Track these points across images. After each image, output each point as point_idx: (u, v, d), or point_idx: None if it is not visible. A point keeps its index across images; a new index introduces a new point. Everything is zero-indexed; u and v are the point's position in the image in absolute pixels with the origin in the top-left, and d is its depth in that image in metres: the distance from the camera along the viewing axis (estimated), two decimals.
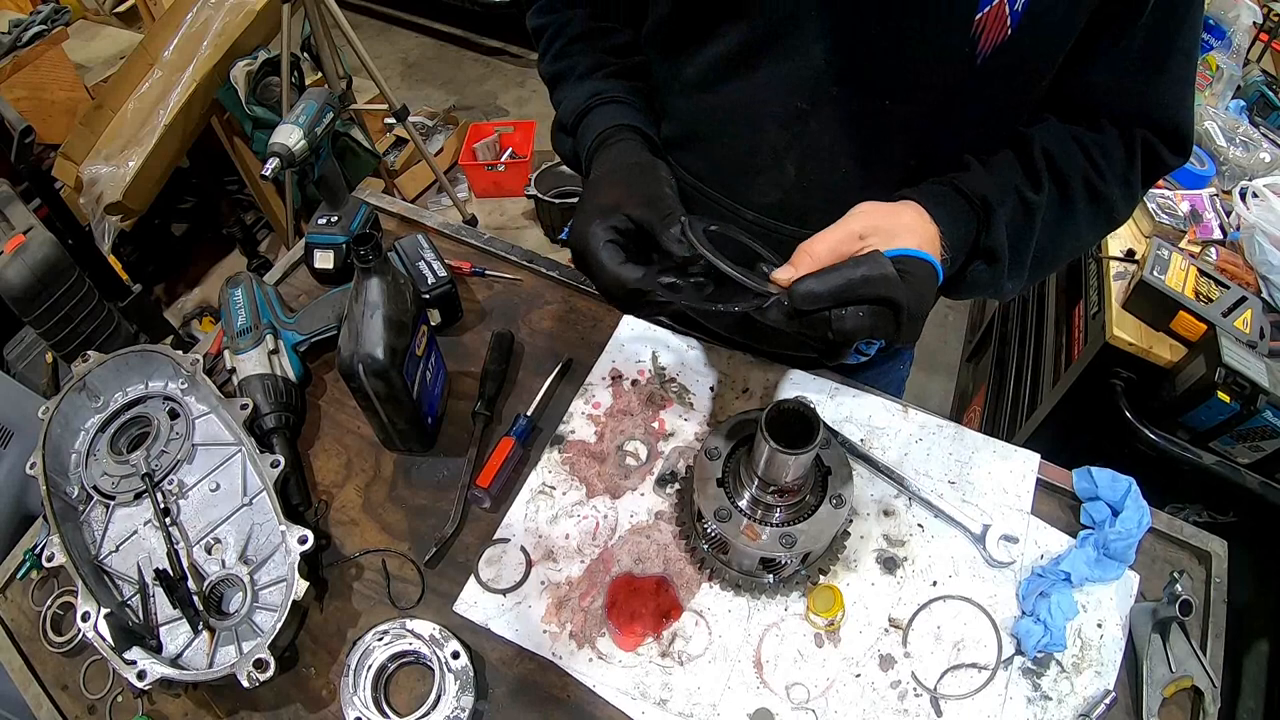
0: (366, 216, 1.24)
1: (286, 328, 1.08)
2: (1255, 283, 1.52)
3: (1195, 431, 1.39)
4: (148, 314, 2.27)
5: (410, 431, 0.98)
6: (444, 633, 0.84)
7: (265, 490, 0.90)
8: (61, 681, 0.89)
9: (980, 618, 0.87)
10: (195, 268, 3.18)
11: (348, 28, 2.43)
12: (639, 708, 0.82)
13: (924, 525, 0.93)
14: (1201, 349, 1.35)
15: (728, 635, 0.86)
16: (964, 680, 0.83)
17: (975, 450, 0.99)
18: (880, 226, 0.71)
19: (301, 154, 1.11)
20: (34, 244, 1.69)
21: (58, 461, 0.94)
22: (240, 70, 2.41)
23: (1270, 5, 2.08)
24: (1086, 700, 0.82)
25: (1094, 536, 0.89)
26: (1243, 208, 1.56)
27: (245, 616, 0.85)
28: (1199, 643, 0.85)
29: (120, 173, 2.35)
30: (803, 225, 0.84)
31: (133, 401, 1.00)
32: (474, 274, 1.21)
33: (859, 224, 0.71)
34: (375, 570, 0.93)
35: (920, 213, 0.74)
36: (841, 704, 0.82)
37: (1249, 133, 1.77)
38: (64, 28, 2.54)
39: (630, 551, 0.92)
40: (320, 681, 0.86)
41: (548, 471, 0.99)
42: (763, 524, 0.82)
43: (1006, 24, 0.69)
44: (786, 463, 0.76)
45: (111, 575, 0.88)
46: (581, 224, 0.76)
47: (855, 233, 0.70)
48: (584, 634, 0.86)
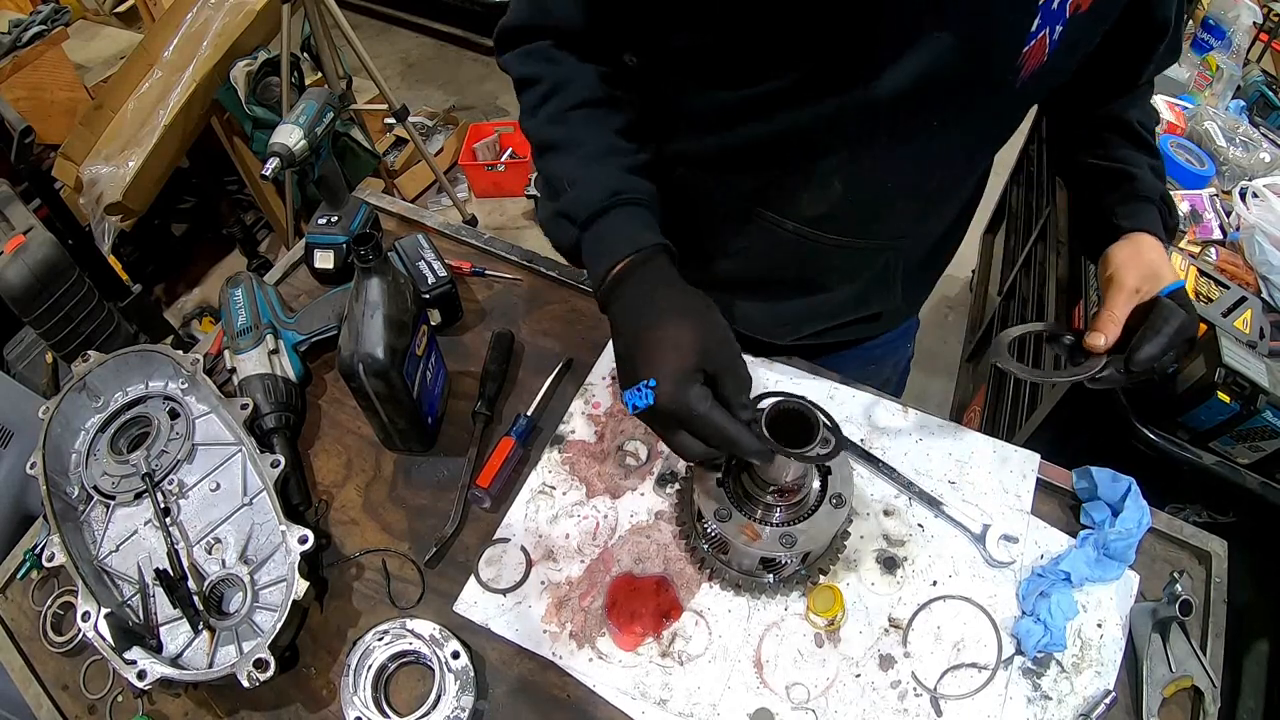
0: (366, 216, 1.24)
1: (287, 328, 1.08)
2: (1255, 283, 1.52)
3: (1195, 432, 1.39)
4: (148, 314, 2.27)
5: (410, 431, 0.98)
6: (444, 632, 0.84)
7: (265, 490, 0.90)
8: (62, 681, 0.89)
9: (980, 618, 0.87)
10: (195, 268, 3.18)
11: (347, 28, 2.43)
12: (639, 708, 0.82)
13: (924, 525, 0.93)
14: (1201, 349, 1.35)
15: (728, 635, 0.86)
16: (964, 680, 0.83)
17: (975, 450, 0.99)
18: (1145, 274, 0.85)
19: (301, 154, 1.11)
20: (34, 244, 1.69)
21: (58, 461, 0.94)
22: (240, 70, 2.41)
23: (1270, 5, 2.09)
24: (1086, 700, 0.82)
25: (1094, 536, 0.89)
26: (1242, 208, 1.56)
27: (245, 616, 0.85)
28: (1199, 643, 0.85)
29: (120, 173, 2.35)
30: (843, 235, 0.92)
31: (133, 401, 1.00)
32: (474, 274, 1.21)
33: (1130, 279, 0.85)
34: (375, 570, 0.93)
35: (1151, 240, 0.88)
36: (841, 704, 0.82)
37: (1249, 133, 1.77)
38: (64, 28, 2.54)
39: (630, 551, 0.92)
40: (320, 681, 0.86)
41: (548, 471, 0.99)
42: (763, 524, 0.82)
43: (1045, 52, 0.74)
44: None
45: (111, 575, 0.88)
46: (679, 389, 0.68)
47: (1132, 288, 0.84)
48: (584, 634, 0.86)
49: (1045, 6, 0.69)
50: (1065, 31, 0.73)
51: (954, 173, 0.92)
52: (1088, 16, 0.73)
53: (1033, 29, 0.70)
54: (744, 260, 0.99)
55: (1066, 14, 0.71)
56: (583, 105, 0.84)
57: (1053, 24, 0.72)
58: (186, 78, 2.39)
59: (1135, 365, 0.82)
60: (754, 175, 0.89)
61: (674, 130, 0.91)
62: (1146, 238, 0.89)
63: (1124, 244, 0.89)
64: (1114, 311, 0.84)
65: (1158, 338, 0.82)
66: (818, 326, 1.08)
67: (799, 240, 0.92)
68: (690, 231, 1.00)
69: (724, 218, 0.95)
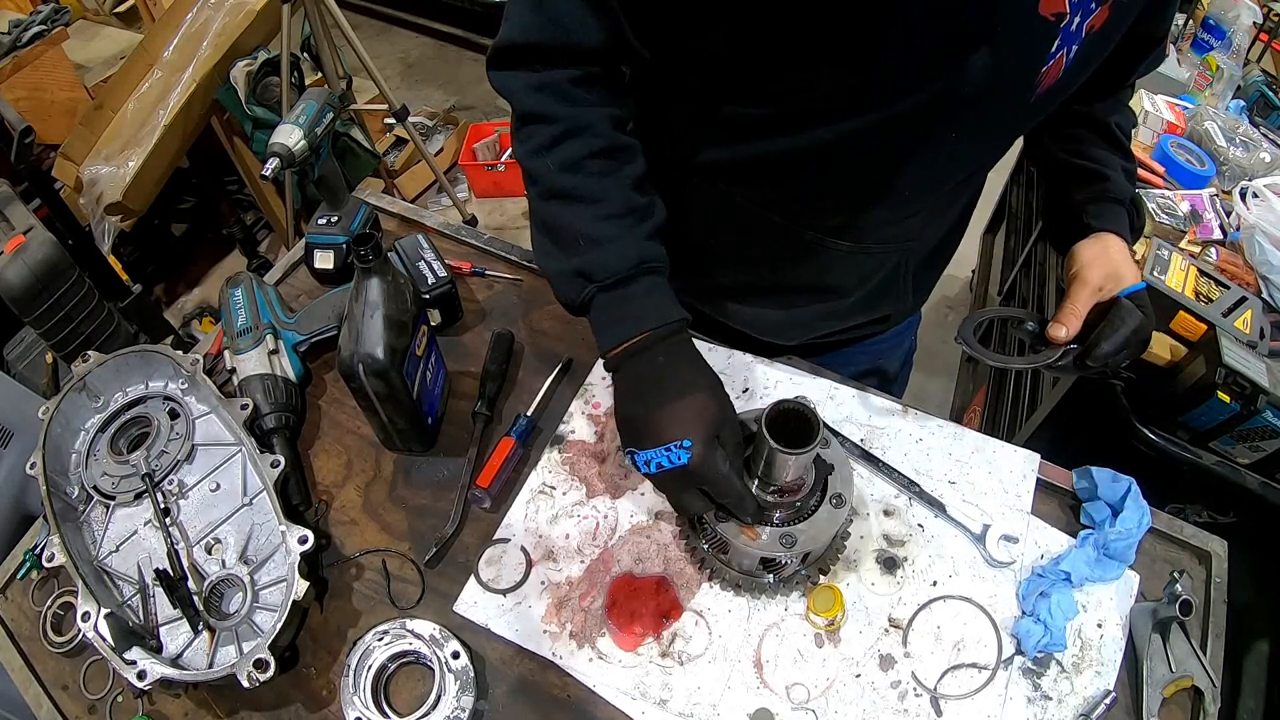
0: (366, 216, 1.24)
1: (286, 328, 1.08)
2: (1255, 283, 1.52)
3: (1195, 431, 1.39)
4: (148, 314, 2.27)
5: (410, 431, 0.98)
6: (444, 633, 0.84)
7: (265, 490, 0.90)
8: (62, 681, 0.89)
9: (980, 618, 0.87)
10: (195, 268, 3.18)
11: (347, 28, 2.43)
12: (639, 708, 0.82)
13: (924, 525, 0.93)
14: (1201, 349, 1.35)
15: (728, 635, 0.86)
16: (964, 680, 0.83)
17: (975, 450, 0.99)
18: (1109, 274, 0.89)
19: (301, 154, 1.11)
20: (34, 244, 1.69)
21: (58, 461, 0.94)
22: (240, 70, 2.40)
23: (1270, 5, 2.09)
24: (1086, 700, 0.82)
25: (1094, 536, 0.89)
26: (1243, 208, 1.56)
27: (245, 616, 0.85)
28: (1199, 643, 0.85)
29: (120, 173, 2.35)
30: (859, 240, 0.94)
31: (133, 402, 1.00)
32: (474, 274, 1.21)
33: (1095, 277, 0.89)
34: (375, 570, 0.93)
35: (1118, 242, 0.92)
36: (841, 704, 0.82)
37: (1249, 133, 1.76)
38: (64, 28, 2.53)
39: (630, 551, 0.92)
40: (320, 681, 0.86)
41: (548, 471, 0.99)
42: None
43: (1061, 69, 0.75)
44: (786, 462, 0.76)
45: (111, 575, 0.88)
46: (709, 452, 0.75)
47: (1096, 286, 0.89)
48: (584, 634, 0.86)
49: (1065, 29, 0.70)
50: (1080, 49, 0.74)
51: (964, 178, 0.94)
52: (1101, 34, 0.75)
53: (1052, 49, 0.72)
54: (759, 267, 1.01)
55: (1083, 34, 0.73)
56: (600, 155, 0.80)
57: (1070, 44, 0.73)
58: (186, 78, 2.39)
59: (1092, 360, 0.88)
60: (773, 187, 0.90)
61: (694, 142, 0.90)
62: (1113, 238, 0.92)
63: (1091, 242, 0.93)
64: (1076, 306, 0.88)
65: (1115, 336, 0.87)
66: (830, 328, 1.09)
67: (816, 247, 0.94)
68: (703, 240, 1.00)
69: (740, 228, 0.96)
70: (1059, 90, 0.79)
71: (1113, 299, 0.90)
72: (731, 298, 1.08)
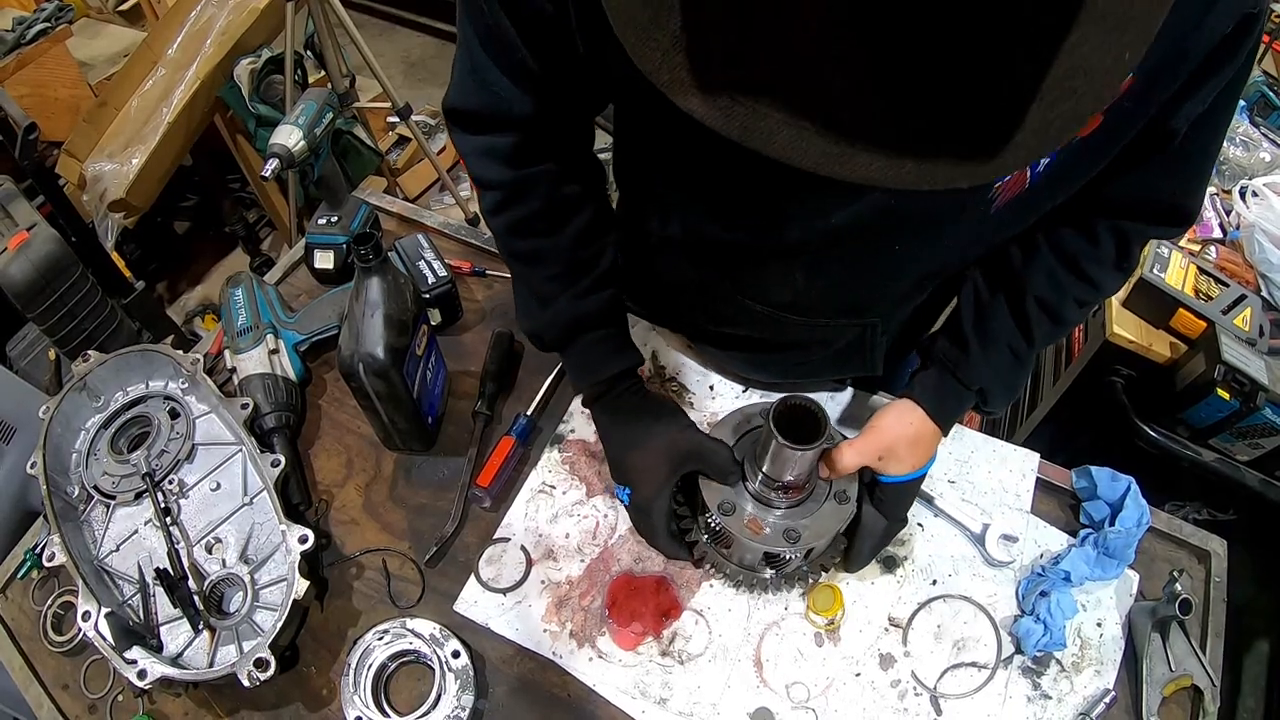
0: (366, 216, 1.24)
1: (287, 327, 1.09)
2: (1255, 281, 1.52)
3: (1195, 429, 1.39)
4: (150, 311, 2.27)
5: (410, 431, 0.98)
6: (444, 632, 0.84)
7: (266, 490, 0.90)
8: (62, 681, 0.89)
9: (980, 617, 0.87)
10: (198, 265, 3.18)
11: (351, 26, 2.42)
12: (639, 707, 0.82)
13: (924, 524, 0.93)
14: (1201, 346, 1.35)
15: (728, 634, 0.86)
16: (964, 679, 0.83)
17: (975, 450, 0.99)
18: (894, 449, 0.83)
19: (301, 154, 1.11)
20: (37, 241, 1.69)
21: (58, 461, 0.95)
22: (244, 68, 2.40)
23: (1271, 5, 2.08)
24: (1086, 699, 0.82)
25: (1094, 535, 0.89)
26: (1242, 207, 1.56)
27: (246, 616, 0.85)
28: (1199, 642, 0.85)
29: (124, 170, 2.35)
30: (809, 317, 0.88)
31: (133, 401, 1.00)
32: (474, 274, 1.21)
33: (879, 445, 0.83)
34: (375, 570, 0.93)
35: (925, 421, 0.84)
36: (841, 703, 0.82)
37: (1249, 133, 1.76)
38: (68, 25, 2.53)
39: (630, 551, 0.92)
40: (321, 681, 0.86)
41: (548, 471, 0.99)
42: (767, 518, 0.82)
43: (1025, 182, 0.68)
44: (793, 458, 0.76)
45: (112, 575, 0.89)
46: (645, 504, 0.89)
47: (875, 453, 0.82)
48: (584, 633, 0.87)
49: None
50: (1052, 162, 0.66)
51: (925, 278, 0.87)
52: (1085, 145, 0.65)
53: None
54: (721, 325, 0.98)
55: None
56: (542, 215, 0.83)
57: None
58: (190, 75, 2.39)
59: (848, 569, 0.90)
60: (718, 267, 0.88)
61: (644, 212, 0.89)
62: (925, 421, 0.84)
63: (905, 408, 0.85)
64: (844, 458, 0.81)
65: (861, 555, 0.87)
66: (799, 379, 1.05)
67: (769, 319, 0.90)
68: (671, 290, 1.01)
69: (699, 289, 0.95)
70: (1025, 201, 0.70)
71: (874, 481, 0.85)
72: (704, 339, 1.07)
